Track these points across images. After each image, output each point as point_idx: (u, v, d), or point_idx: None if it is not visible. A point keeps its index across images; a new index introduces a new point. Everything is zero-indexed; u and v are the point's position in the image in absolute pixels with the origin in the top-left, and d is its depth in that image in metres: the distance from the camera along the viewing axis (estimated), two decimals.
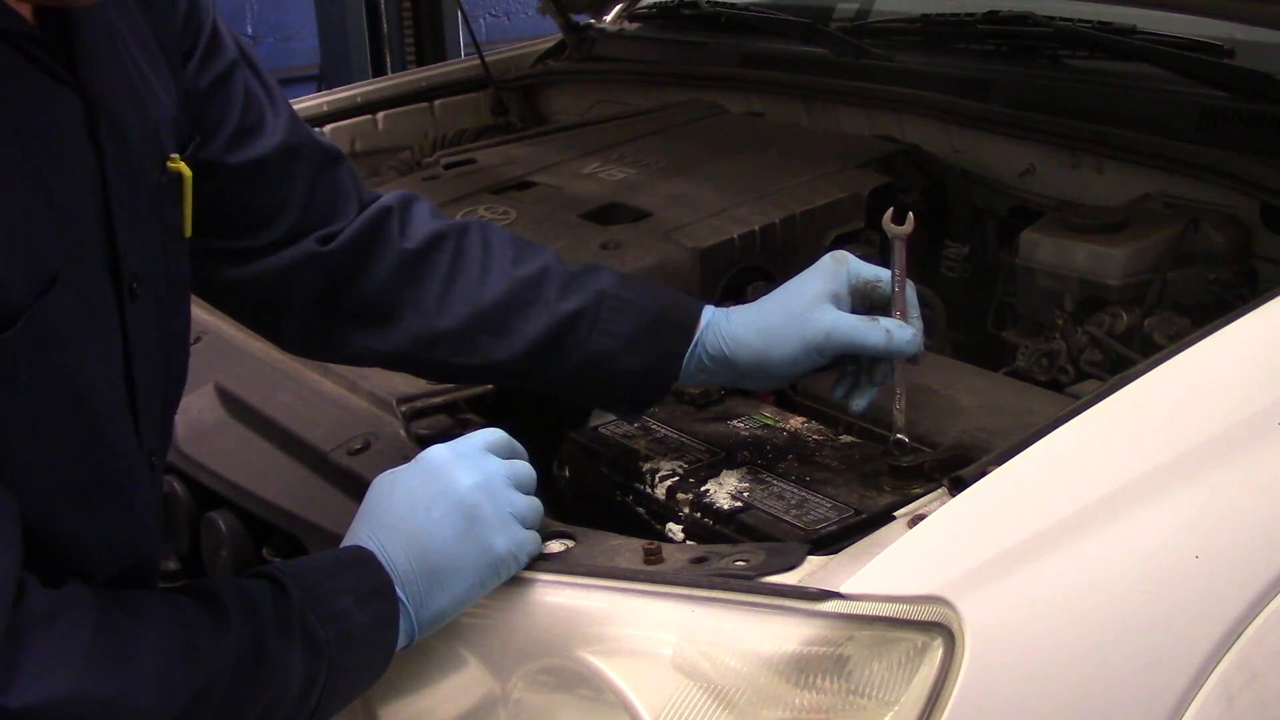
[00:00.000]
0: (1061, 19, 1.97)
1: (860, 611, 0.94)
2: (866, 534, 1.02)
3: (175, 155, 1.04)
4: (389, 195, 1.29)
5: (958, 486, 1.03)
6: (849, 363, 1.27)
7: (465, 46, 5.38)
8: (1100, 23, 1.95)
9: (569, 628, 1.02)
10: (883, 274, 1.25)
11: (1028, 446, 1.05)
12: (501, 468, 1.09)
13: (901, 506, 1.06)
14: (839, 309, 1.22)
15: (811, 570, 0.99)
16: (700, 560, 1.04)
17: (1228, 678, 1.00)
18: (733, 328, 1.24)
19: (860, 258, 1.27)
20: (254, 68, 1.22)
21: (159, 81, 1.06)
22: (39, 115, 0.88)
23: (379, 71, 5.34)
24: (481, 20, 6.65)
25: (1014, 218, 1.89)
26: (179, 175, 1.04)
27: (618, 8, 2.71)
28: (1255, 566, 1.04)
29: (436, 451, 1.10)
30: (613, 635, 1.00)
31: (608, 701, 0.98)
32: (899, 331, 1.22)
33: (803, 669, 0.93)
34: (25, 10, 0.88)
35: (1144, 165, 1.73)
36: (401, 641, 1.02)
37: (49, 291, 0.85)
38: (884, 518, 1.05)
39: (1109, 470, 1.05)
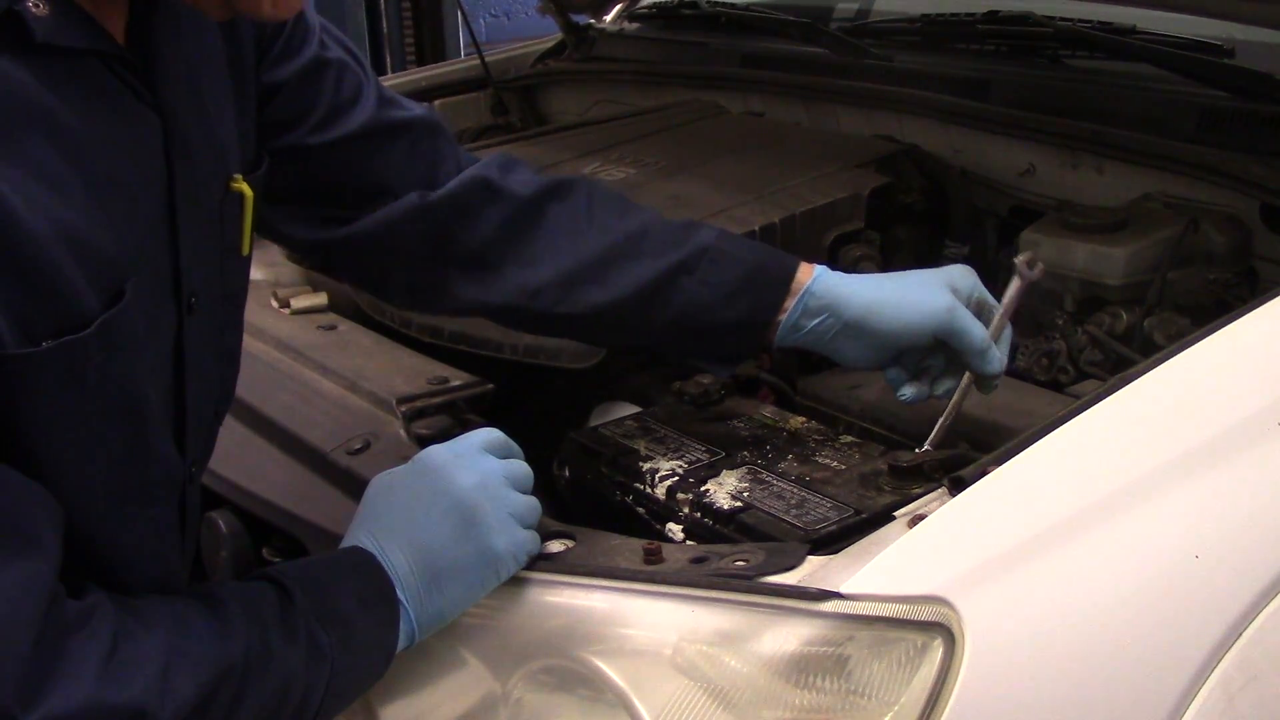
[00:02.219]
0: (1061, 19, 1.97)
1: (860, 611, 0.94)
2: (866, 534, 1.02)
3: (238, 176, 1.07)
4: (490, 156, 1.33)
5: (958, 486, 1.03)
6: (922, 362, 1.30)
7: (465, 46, 5.38)
8: (1100, 23, 1.95)
9: (569, 628, 1.02)
10: (994, 306, 1.29)
11: (1028, 446, 1.05)
12: (499, 467, 1.10)
13: (901, 506, 1.06)
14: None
15: (811, 570, 0.99)
16: (700, 560, 1.04)
17: (1228, 678, 1.00)
18: (848, 280, 1.27)
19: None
20: (344, 45, 1.27)
21: (227, 105, 1.09)
22: (124, 132, 0.92)
23: (379, 71, 5.33)
24: (481, 20, 6.66)
25: (1014, 218, 1.89)
26: (240, 195, 1.07)
27: (618, 8, 2.71)
28: (1255, 566, 1.04)
29: (434, 452, 1.10)
30: (613, 635, 1.00)
31: (608, 702, 0.98)
32: (994, 351, 1.26)
33: (803, 669, 0.93)
34: (116, 32, 0.92)
35: (1144, 165, 1.73)
36: (402, 643, 1.03)
37: (119, 300, 0.88)
38: (884, 518, 1.05)
39: (1109, 470, 1.05)
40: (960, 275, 1.29)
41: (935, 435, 1.26)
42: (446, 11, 5.52)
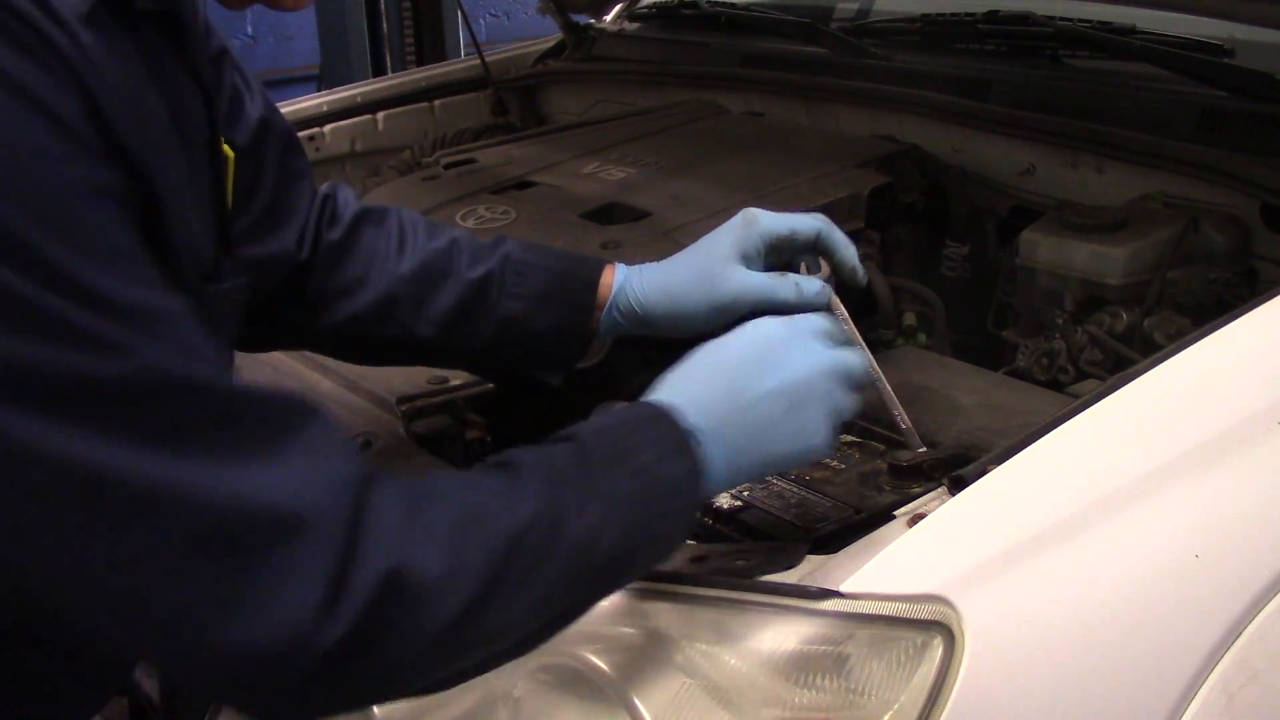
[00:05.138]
0: (1061, 19, 1.97)
1: (860, 610, 0.94)
2: (866, 533, 1.02)
3: (220, 136, 1.09)
4: (324, 186, 1.33)
5: (958, 486, 1.03)
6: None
7: (465, 46, 5.38)
8: (1100, 23, 1.95)
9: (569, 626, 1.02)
10: (798, 225, 1.25)
11: (1028, 446, 1.05)
12: (831, 358, 1.07)
13: (901, 506, 1.06)
14: (750, 268, 1.23)
15: (811, 569, 0.99)
16: (700, 559, 1.04)
17: (1228, 677, 1.00)
18: (645, 289, 1.27)
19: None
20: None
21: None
22: (185, 97, 0.95)
23: (379, 71, 5.35)
24: (481, 20, 6.66)
25: (1014, 218, 1.89)
26: (226, 156, 1.09)
27: (618, 8, 2.72)
28: (1255, 566, 1.04)
29: (769, 324, 1.08)
30: (613, 634, 1.00)
31: (607, 700, 0.98)
32: (807, 284, 1.22)
33: (802, 668, 0.93)
34: None
35: (1144, 165, 1.73)
36: (704, 494, 1.00)
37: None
38: (884, 517, 1.05)
39: (1109, 470, 1.05)
40: (743, 235, 1.24)
41: (910, 442, 1.24)
42: (446, 11, 5.51)
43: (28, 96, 0.72)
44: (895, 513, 1.04)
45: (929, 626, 0.93)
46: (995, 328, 1.79)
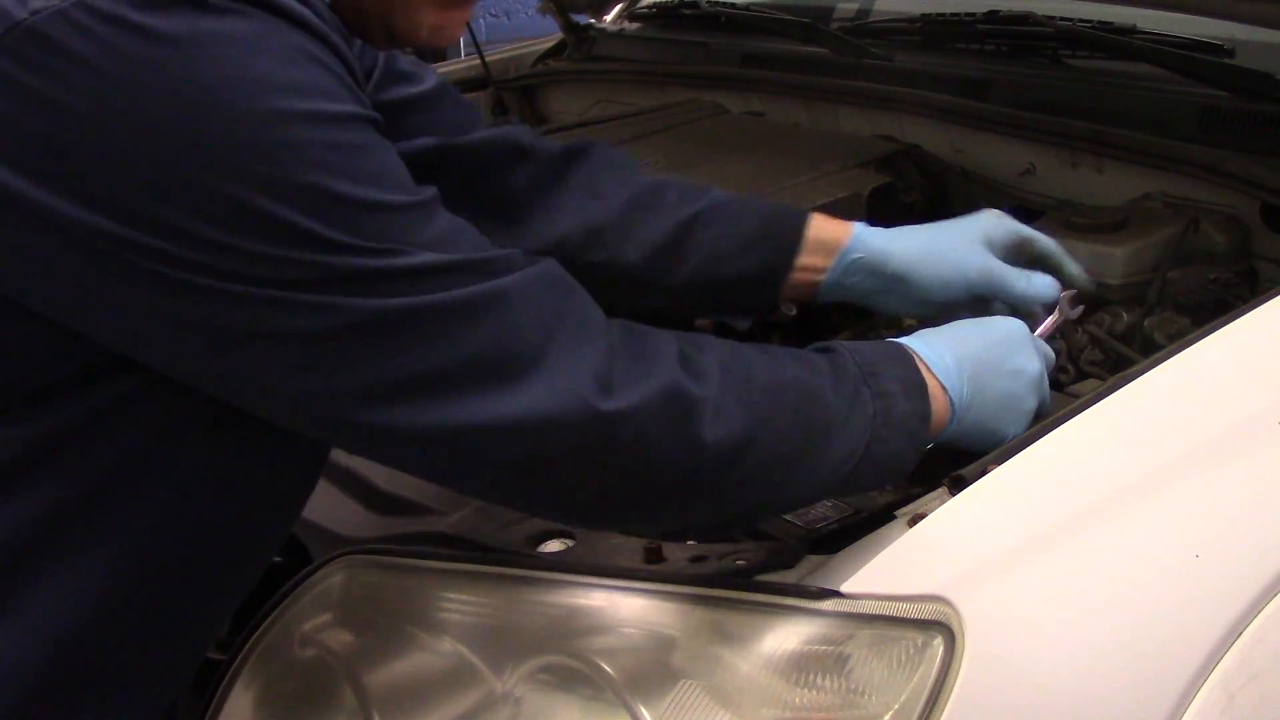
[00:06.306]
0: (1061, 19, 1.97)
1: (860, 610, 0.94)
2: (866, 533, 1.02)
3: None
4: (515, 126, 1.40)
5: (958, 485, 1.03)
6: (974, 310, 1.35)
7: (465, 46, 5.38)
8: (1100, 23, 1.94)
9: (569, 626, 1.02)
10: (1037, 237, 1.35)
11: (1028, 446, 1.05)
12: (1044, 374, 1.18)
13: (901, 505, 1.06)
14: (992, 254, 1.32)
15: (811, 569, 1.00)
16: (700, 559, 1.04)
17: (1228, 678, 0.99)
18: (900, 245, 1.32)
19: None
20: None
21: None
22: None
23: None
24: (481, 20, 6.66)
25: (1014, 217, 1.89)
26: None
27: (618, 7, 2.71)
28: (1255, 566, 1.04)
29: (1016, 322, 1.20)
30: (613, 633, 1.00)
31: (607, 700, 0.98)
32: (1039, 279, 1.32)
33: (803, 668, 0.93)
34: None
35: (1144, 165, 1.73)
36: (930, 439, 1.08)
37: None
38: (884, 516, 1.05)
39: (1109, 470, 1.05)
40: (993, 225, 1.33)
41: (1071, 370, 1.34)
42: None
43: (308, 53, 0.82)
44: (895, 513, 1.04)
45: (929, 626, 0.93)
46: None
